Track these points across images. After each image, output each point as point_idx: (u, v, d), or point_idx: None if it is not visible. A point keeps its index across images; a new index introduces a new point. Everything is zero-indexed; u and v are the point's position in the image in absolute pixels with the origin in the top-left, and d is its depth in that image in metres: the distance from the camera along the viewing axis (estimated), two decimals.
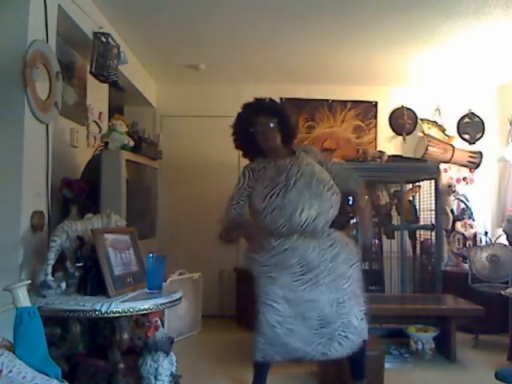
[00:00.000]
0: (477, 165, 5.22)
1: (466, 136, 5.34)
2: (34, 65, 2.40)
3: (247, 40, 4.05)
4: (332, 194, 2.64)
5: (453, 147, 5.17)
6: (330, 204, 2.63)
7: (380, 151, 4.96)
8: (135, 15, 3.55)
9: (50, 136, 2.64)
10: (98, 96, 3.87)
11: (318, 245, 2.63)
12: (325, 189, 2.61)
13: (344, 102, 5.36)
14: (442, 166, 4.91)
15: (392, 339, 3.90)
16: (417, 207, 4.97)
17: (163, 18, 3.60)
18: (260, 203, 2.61)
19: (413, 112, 5.34)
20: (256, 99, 2.84)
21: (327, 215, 2.63)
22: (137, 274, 2.46)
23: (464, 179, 5.28)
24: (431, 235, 4.63)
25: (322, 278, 2.61)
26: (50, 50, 2.61)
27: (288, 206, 2.56)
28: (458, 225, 5.02)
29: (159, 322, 2.41)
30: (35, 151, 2.50)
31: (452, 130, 5.32)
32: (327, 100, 5.36)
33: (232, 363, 3.52)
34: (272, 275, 2.64)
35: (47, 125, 2.60)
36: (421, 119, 5.30)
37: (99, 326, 2.50)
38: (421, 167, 4.80)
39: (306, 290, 2.61)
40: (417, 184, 5.00)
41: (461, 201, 5.20)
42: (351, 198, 2.65)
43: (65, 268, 2.33)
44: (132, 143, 3.35)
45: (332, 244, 2.66)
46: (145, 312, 2.23)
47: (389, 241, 4.90)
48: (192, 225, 5.13)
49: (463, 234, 4.97)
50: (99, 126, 3.87)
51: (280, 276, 2.63)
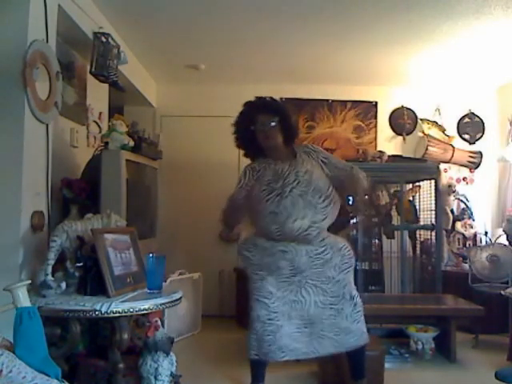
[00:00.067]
0: (477, 165, 5.22)
1: (466, 136, 5.34)
2: (34, 65, 2.40)
3: (247, 40, 4.05)
4: (329, 204, 2.62)
5: (453, 147, 5.17)
6: (324, 215, 2.61)
7: (380, 151, 4.95)
8: (135, 15, 3.55)
9: (50, 136, 2.64)
10: (98, 96, 3.87)
11: (310, 250, 2.64)
12: (321, 199, 2.60)
13: (344, 102, 5.36)
14: (442, 166, 4.91)
15: (392, 339, 3.90)
16: (417, 207, 4.96)
17: (163, 18, 3.60)
18: (256, 205, 2.62)
19: (413, 112, 5.33)
20: (258, 98, 2.84)
21: (320, 225, 2.63)
22: (137, 274, 2.46)
23: (464, 179, 5.28)
24: (431, 235, 4.63)
25: (310, 281, 2.65)
26: (50, 50, 2.61)
27: (282, 213, 2.56)
28: (458, 225, 5.02)
29: (159, 322, 2.41)
30: (35, 151, 2.50)
31: (452, 130, 5.32)
32: (327, 100, 5.36)
33: (232, 363, 3.52)
34: (263, 274, 2.69)
35: (47, 125, 2.60)
36: (421, 119, 5.30)
37: (99, 326, 2.50)
38: (421, 167, 4.80)
39: (293, 291, 2.65)
40: (417, 184, 4.99)
41: (461, 201, 5.19)
42: (351, 198, 2.64)
43: (65, 268, 2.33)
44: (132, 143, 3.34)
45: (324, 250, 2.67)
46: (145, 312, 2.23)
47: (389, 241, 4.90)
48: (192, 225, 5.12)
49: (463, 234, 4.97)
50: (99, 126, 3.86)
51: (270, 276, 2.67)
